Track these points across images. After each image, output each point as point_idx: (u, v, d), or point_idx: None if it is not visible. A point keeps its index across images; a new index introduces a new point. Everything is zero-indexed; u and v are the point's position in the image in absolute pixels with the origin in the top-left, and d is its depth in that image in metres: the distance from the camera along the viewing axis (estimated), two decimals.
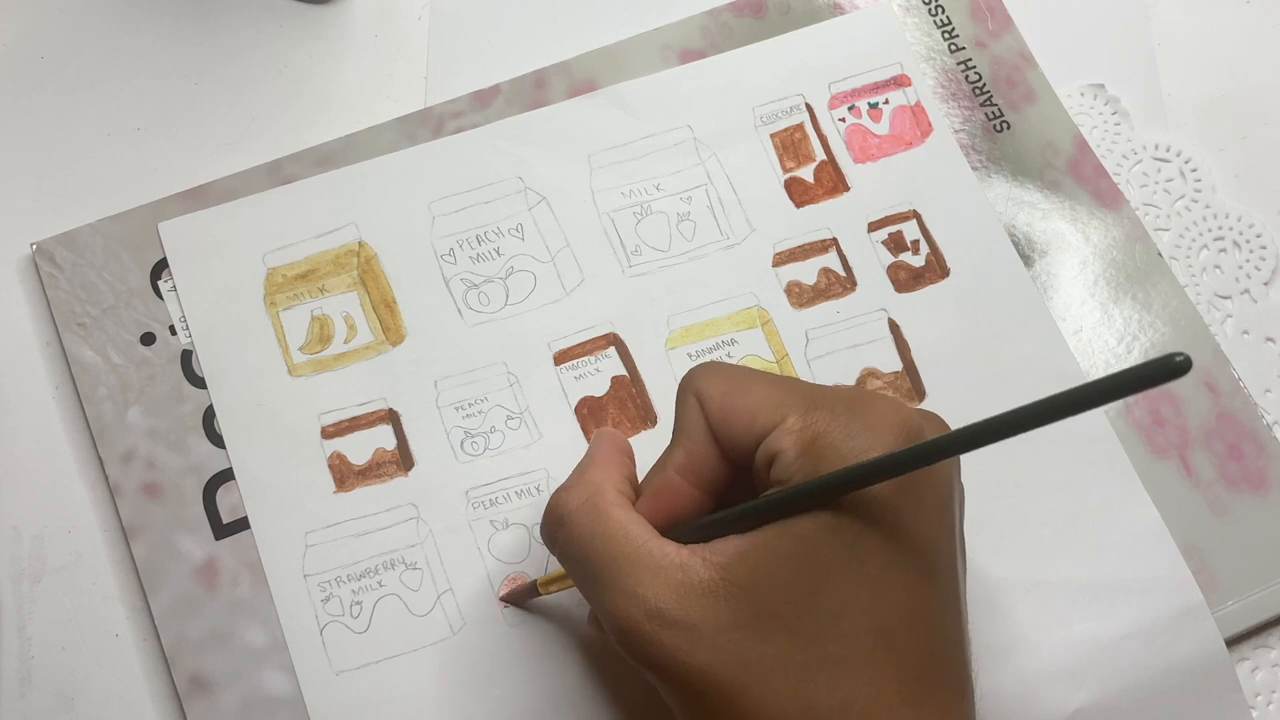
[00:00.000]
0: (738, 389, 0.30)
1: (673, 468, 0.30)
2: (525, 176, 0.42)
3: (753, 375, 0.31)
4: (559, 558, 0.31)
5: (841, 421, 0.28)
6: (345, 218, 0.42)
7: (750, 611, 0.27)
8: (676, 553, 0.28)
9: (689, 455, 0.30)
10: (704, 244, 0.42)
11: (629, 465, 0.33)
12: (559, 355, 0.40)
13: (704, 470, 0.30)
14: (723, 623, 0.27)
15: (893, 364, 0.40)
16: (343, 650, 0.37)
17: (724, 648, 0.27)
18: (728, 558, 0.28)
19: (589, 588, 0.30)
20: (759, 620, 0.27)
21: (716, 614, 0.27)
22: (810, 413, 0.28)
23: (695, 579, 0.28)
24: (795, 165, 0.43)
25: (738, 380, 0.30)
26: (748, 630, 0.27)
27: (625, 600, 0.28)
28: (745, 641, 0.27)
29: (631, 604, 0.28)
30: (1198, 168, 0.44)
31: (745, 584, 0.27)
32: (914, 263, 0.42)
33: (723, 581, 0.27)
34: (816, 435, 0.28)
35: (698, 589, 0.27)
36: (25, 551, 0.39)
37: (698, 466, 0.30)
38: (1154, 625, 0.37)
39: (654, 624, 0.27)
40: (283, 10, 0.46)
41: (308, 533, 0.38)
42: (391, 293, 0.41)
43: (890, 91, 0.44)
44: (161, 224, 0.41)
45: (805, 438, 0.28)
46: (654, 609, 0.28)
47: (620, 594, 0.28)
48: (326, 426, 0.39)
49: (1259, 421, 0.40)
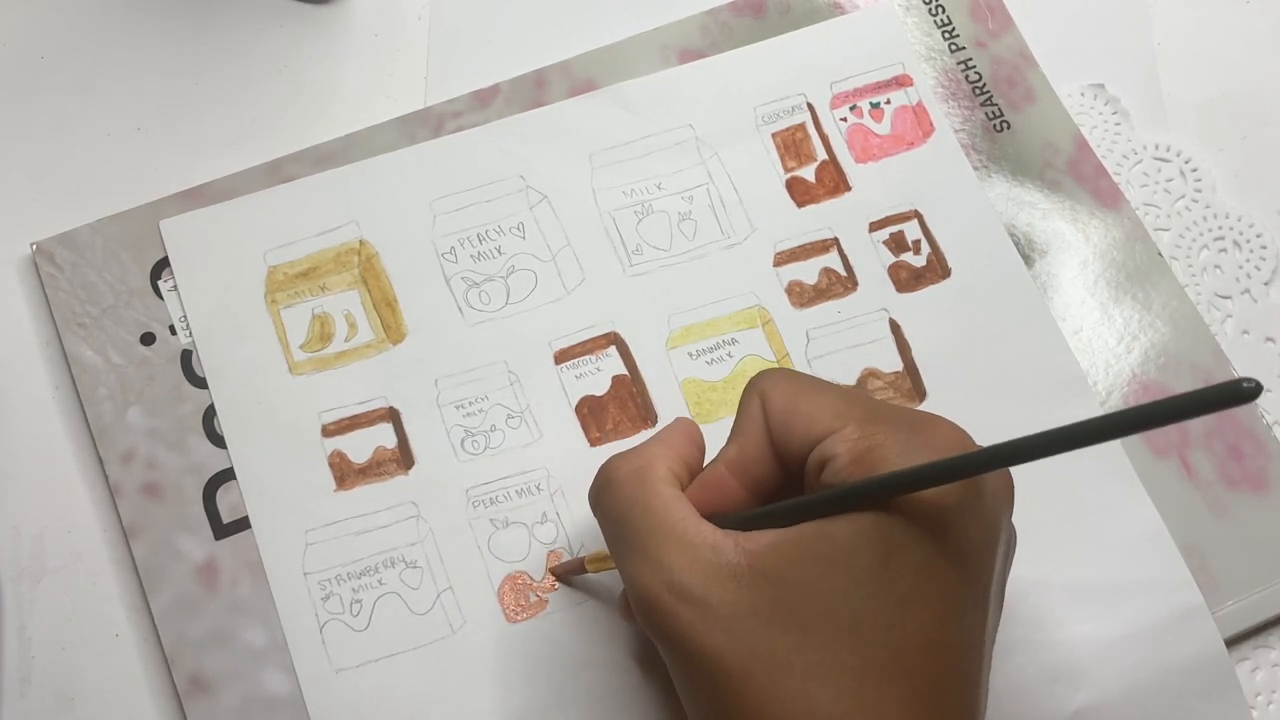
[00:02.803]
0: (802, 394, 0.30)
1: (724, 463, 0.31)
2: (526, 175, 0.42)
3: (819, 384, 0.31)
4: (599, 519, 0.31)
5: (901, 438, 0.28)
6: (346, 216, 0.42)
7: (770, 603, 0.27)
8: (711, 533, 0.28)
9: (742, 452, 0.30)
10: (705, 243, 0.42)
11: (693, 452, 0.32)
12: (559, 354, 0.40)
13: (754, 469, 0.30)
14: (740, 608, 0.27)
15: (893, 364, 0.40)
16: (342, 648, 0.37)
17: (737, 633, 0.27)
18: (761, 547, 0.28)
19: (620, 552, 0.30)
20: (777, 613, 0.27)
21: (737, 598, 0.27)
22: (870, 425, 0.28)
23: (723, 561, 0.28)
24: (797, 165, 0.43)
25: (803, 386, 0.30)
26: (764, 621, 0.27)
27: (651, 568, 0.28)
28: (759, 631, 0.27)
29: (656, 573, 0.28)
30: (1198, 168, 0.44)
31: (771, 575, 0.27)
32: (915, 263, 0.42)
33: (749, 568, 0.27)
34: (873, 446, 0.28)
35: (724, 571, 0.28)
36: (25, 551, 0.39)
37: (749, 465, 0.30)
38: (1154, 626, 0.37)
39: (672, 595, 0.28)
40: (283, 10, 0.46)
41: (308, 531, 0.38)
42: (392, 291, 0.41)
43: (892, 91, 0.44)
44: (163, 221, 0.41)
45: (861, 446, 0.28)
46: (676, 581, 0.28)
47: (647, 561, 0.28)
48: (327, 424, 0.39)
49: (1259, 421, 0.40)
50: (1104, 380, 0.40)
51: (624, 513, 0.30)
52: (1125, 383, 0.40)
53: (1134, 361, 0.40)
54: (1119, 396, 0.40)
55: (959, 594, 0.28)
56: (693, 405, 0.40)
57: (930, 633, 0.27)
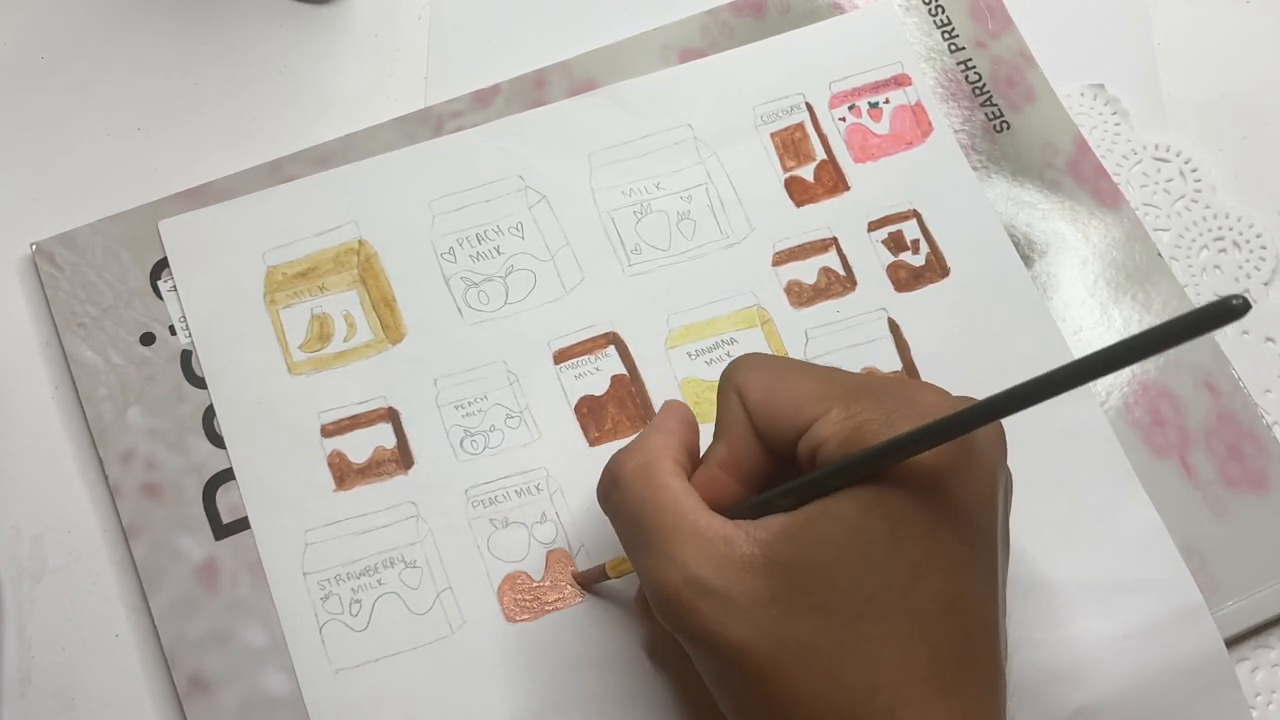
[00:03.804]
0: (779, 382, 0.30)
1: (716, 463, 0.31)
2: (525, 175, 0.42)
3: (793, 367, 0.31)
4: (610, 517, 0.32)
5: (886, 407, 0.28)
6: (345, 216, 0.42)
7: (788, 588, 0.27)
8: (722, 526, 0.29)
9: (731, 451, 0.31)
10: (704, 243, 0.42)
11: (691, 437, 0.33)
12: (559, 354, 0.40)
13: (745, 464, 0.30)
14: (760, 597, 0.28)
15: (892, 363, 0.40)
16: (342, 648, 0.37)
17: (759, 622, 0.27)
18: (771, 535, 0.28)
19: (635, 551, 0.30)
20: (796, 598, 0.27)
21: (755, 588, 0.28)
22: (853, 403, 0.28)
23: (737, 552, 0.28)
24: (795, 164, 0.43)
25: (778, 373, 0.30)
26: (784, 606, 0.27)
27: (667, 565, 0.28)
28: (781, 617, 0.27)
29: (673, 570, 0.28)
30: (1198, 168, 0.44)
31: (785, 562, 0.28)
32: (914, 262, 0.42)
33: (763, 558, 0.28)
34: (861, 424, 0.28)
35: (738, 562, 0.28)
36: (25, 551, 0.39)
37: (739, 461, 0.30)
38: (1153, 625, 0.37)
39: (692, 591, 0.28)
40: (283, 10, 0.46)
41: (307, 531, 0.38)
42: (391, 291, 0.41)
43: (890, 91, 0.44)
44: (161, 222, 0.41)
45: (848, 427, 0.28)
46: (693, 576, 0.28)
47: (663, 559, 0.29)
48: (326, 425, 0.39)
49: (1259, 421, 0.40)
50: (1104, 380, 0.40)
51: (636, 511, 0.30)
52: (1125, 382, 0.40)
53: (1133, 362, 0.40)
54: (1119, 396, 0.40)
55: (968, 550, 0.28)
56: (692, 405, 0.39)
57: (946, 593, 0.28)
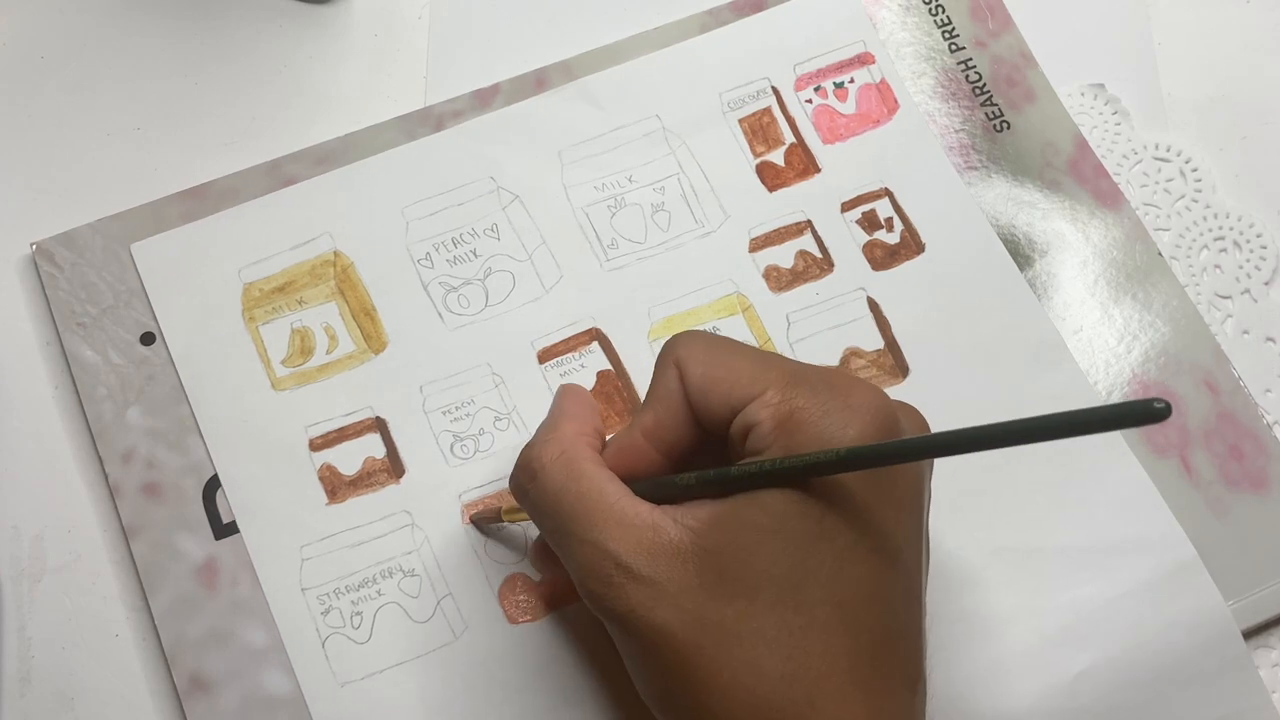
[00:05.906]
0: (719, 360, 0.30)
1: (639, 430, 0.31)
2: (497, 176, 0.42)
3: (735, 347, 0.31)
4: (529, 510, 0.32)
5: (820, 400, 0.29)
6: (319, 228, 0.41)
7: (715, 575, 0.28)
8: (649, 513, 0.29)
9: (657, 420, 0.31)
10: (680, 233, 0.42)
11: (597, 420, 0.33)
12: (542, 353, 0.40)
13: (670, 436, 0.31)
14: (687, 583, 0.28)
15: (874, 342, 0.40)
16: (346, 662, 0.37)
17: (685, 607, 0.28)
18: (699, 522, 0.28)
19: (559, 539, 0.30)
20: (722, 584, 0.28)
21: (683, 574, 0.28)
22: (789, 388, 0.29)
23: (665, 539, 0.28)
24: (765, 149, 0.43)
25: (720, 352, 0.31)
26: (710, 593, 0.28)
27: (595, 553, 0.29)
28: (707, 603, 0.28)
29: (601, 557, 0.29)
30: (1198, 168, 0.44)
31: (713, 549, 0.28)
32: (889, 240, 0.42)
33: (692, 545, 0.28)
34: (794, 410, 0.28)
35: (667, 549, 0.28)
36: (25, 551, 0.39)
37: (664, 432, 0.31)
38: (1150, 583, 0.37)
39: (621, 576, 0.28)
40: (283, 10, 0.46)
41: (303, 546, 0.38)
42: (370, 300, 0.41)
43: (855, 70, 0.44)
44: (134, 245, 0.41)
45: (783, 411, 0.29)
46: (623, 564, 0.28)
47: (591, 547, 0.29)
48: (314, 438, 0.39)
49: (1259, 421, 0.40)
50: (1104, 380, 0.40)
51: (557, 502, 0.30)
52: (1125, 382, 0.40)
53: (1134, 361, 0.40)
54: (1119, 396, 0.40)
55: (894, 542, 0.29)
56: None
57: (870, 584, 0.28)
